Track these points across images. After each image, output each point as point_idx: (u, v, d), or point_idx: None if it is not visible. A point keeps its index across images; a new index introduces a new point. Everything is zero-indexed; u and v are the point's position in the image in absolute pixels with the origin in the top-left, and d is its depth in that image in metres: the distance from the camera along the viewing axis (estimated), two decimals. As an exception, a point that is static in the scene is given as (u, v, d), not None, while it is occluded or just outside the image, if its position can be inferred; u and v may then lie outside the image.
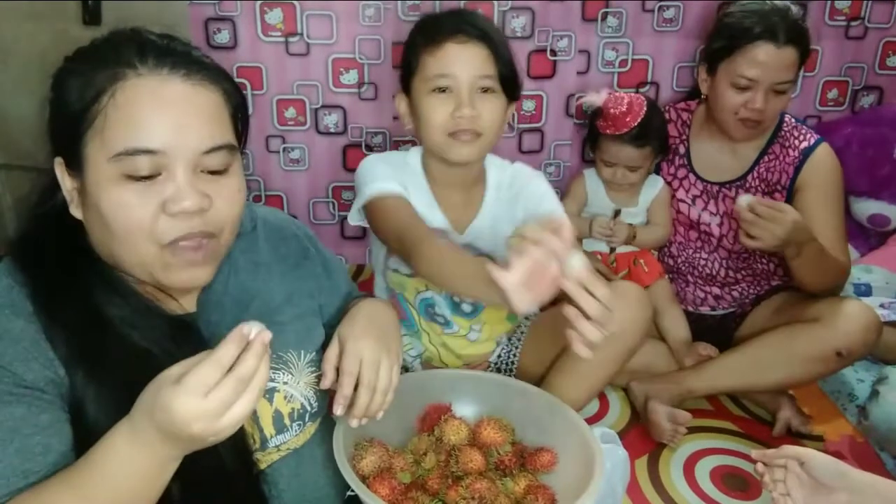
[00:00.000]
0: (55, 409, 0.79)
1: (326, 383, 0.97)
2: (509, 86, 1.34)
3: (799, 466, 1.08)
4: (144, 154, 0.78)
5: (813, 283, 1.72)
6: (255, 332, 0.70)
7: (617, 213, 1.82)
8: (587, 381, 1.49)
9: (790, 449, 1.11)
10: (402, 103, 1.40)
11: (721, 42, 1.70)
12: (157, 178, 0.80)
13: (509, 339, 1.64)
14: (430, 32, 1.32)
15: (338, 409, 0.96)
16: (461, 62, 1.29)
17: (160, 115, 0.79)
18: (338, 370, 0.97)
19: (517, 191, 1.47)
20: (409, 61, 1.35)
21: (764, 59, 1.63)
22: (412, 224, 1.28)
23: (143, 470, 0.74)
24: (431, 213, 1.41)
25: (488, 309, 1.53)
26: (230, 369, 0.69)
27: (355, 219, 1.42)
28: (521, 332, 1.65)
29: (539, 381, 1.51)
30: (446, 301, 1.50)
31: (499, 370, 1.63)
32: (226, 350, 0.69)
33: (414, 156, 1.46)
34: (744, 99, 1.68)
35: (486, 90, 1.31)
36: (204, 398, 0.67)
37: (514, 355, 1.63)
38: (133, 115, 0.79)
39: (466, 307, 1.50)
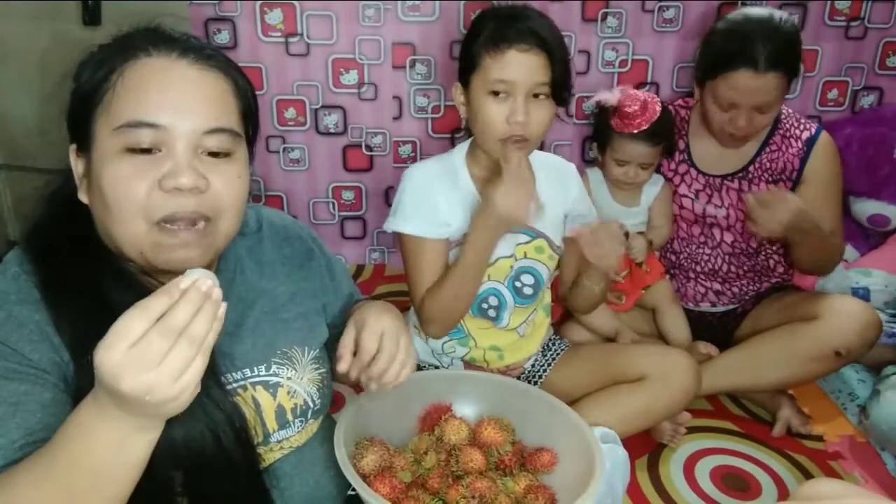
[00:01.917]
0: (58, 390, 0.80)
1: (343, 366, 0.98)
2: (560, 91, 1.37)
3: None
4: (146, 127, 0.79)
5: (810, 264, 1.80)
6: (192, 279, 0.62)
7: (626, 234, 1.80)
8: (618, 420, 1.48)
9: None
10: (458, 94, 1.43)
11: (704, 62, 1.70)
12: (157, 154, 0.81)
13: (543, 354, 1.65)
14: (493, 35, 1.33)
15: (346, 367, 0.97)
16: (521, 70, 1.31)
17: (165, 93, 0.81)
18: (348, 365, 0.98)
19: (558, 173, 1.56)
20: (470, 57, 1.36)
21: (744, 86, 1.61)
22: (423, 278, 1.43)
23: (103, 441, 0.69)
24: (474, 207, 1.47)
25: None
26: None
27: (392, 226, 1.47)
28: (557, 352, 1.66)
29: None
30: (509, 289, 1.51)
31: (528, 380, 1.63)
32: (155, 301, 0.63)
33: (459, 155, 1.49)
34: (728, 117, 1.68)
35: (537, 96, 1.34)
36: (128, 349, 0.61)
37: (545, 370, 1.64)
38: (139, 91, 0.80)
39: (528, 290, 1.52)
